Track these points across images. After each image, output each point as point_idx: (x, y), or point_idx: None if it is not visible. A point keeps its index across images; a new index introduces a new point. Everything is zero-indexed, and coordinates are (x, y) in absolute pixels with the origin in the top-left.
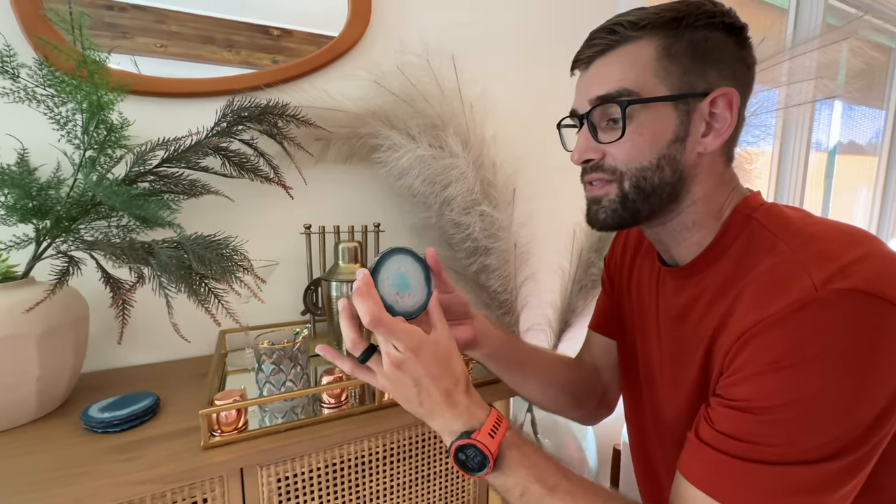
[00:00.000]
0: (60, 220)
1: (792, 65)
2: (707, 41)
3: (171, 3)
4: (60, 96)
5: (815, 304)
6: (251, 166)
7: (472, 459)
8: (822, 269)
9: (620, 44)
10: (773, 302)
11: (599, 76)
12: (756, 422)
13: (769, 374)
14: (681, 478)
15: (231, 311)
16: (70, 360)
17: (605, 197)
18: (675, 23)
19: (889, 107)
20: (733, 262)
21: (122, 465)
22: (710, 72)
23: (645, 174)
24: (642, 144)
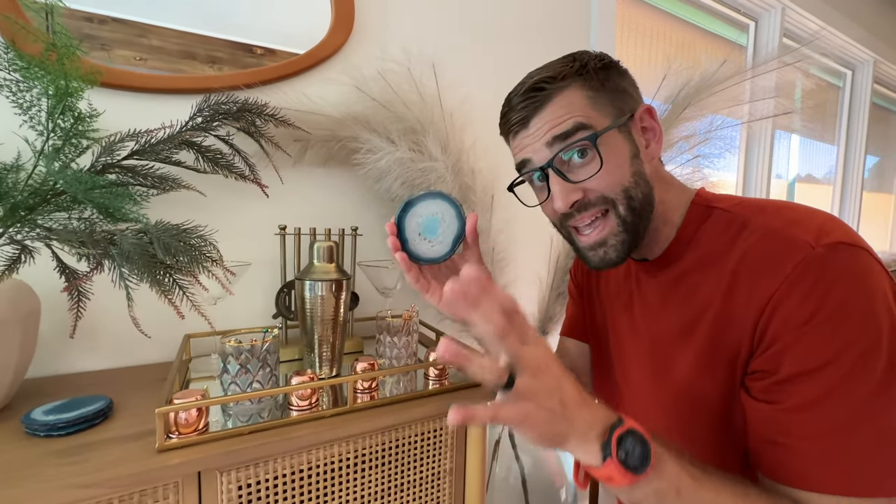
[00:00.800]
0: (16, 208)
1: (752, 85)
2: (609, 76)
3: (153, 18)
4: (25, 81)
5: (817, 261)
6: (226, 163)
7: (632, 454)
8: (806, 231)
9: (552, 96)
10: (780, 267)
11: (546, 124)
12: (818, 381)
13: (807, 334)
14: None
15: (196, 303)
16: (15, 359)
17: (609, 236)
18: (583, 69)
19: (839, 142)
20: (707, 244)
21: (65, 469)
22: (625, 98)
23: (630, 193)
24: (617, 168)
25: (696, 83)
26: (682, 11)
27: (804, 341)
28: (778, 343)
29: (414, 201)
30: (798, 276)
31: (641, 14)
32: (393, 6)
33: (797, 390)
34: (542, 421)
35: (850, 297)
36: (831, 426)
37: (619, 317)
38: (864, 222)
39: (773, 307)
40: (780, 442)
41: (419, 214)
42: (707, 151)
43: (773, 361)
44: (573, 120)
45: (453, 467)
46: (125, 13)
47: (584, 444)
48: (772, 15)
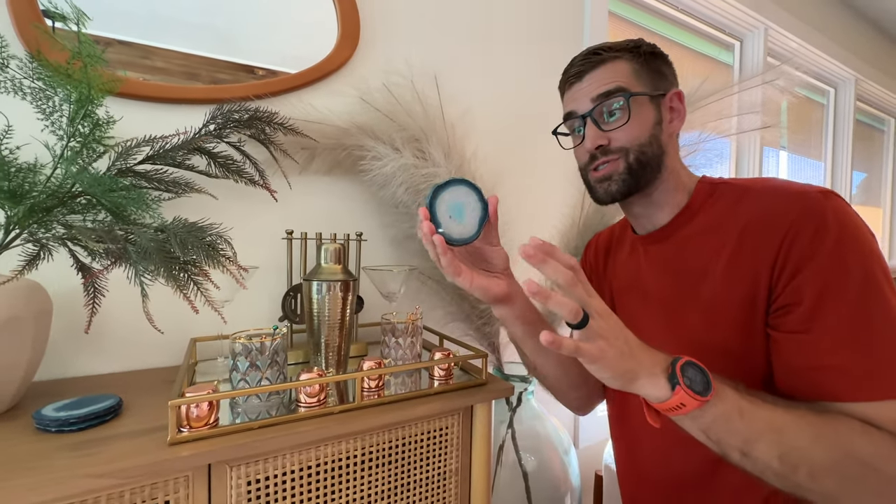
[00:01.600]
0: (34, 208)
1: (739, 100)
2: (654, 60)
3: (157, 40)
4: (49, 89)
5: (817, 203)
6: (236, 168)
7: (696, 381)
8: (803, 187)
9: (605, 62)
10: (785, 214)
11: (596, 82)
12: (840, 297)
13: (821, 261)
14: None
15: (209, 298)
16: (27, 357)
17: (614, 172)
18: (635, 49)
19: (826, 158)
20: (714, 212)
21: (78, 461)
22: (662, 80)
23: (644, 148)
24: (639, 127)
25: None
26: (671, 32)
27: (820, 271)
28: (798, 276)
29: (441, 188)
30: (804, 217)
31: (632, 35)
32: (397, 22)
33: (823, 315)
34: (615, 357)
35: (849, 232)
36: (861, 341)
37: (629, 292)
38: None
39: (788, 246)
40: (818, 365)
41: (446, 200)
42: (696, 163)
43: (796, 293)
44: (616, 83)
45: (459, 467)
46: (130, 36)
47: (652, 379)
48: (755, 35)
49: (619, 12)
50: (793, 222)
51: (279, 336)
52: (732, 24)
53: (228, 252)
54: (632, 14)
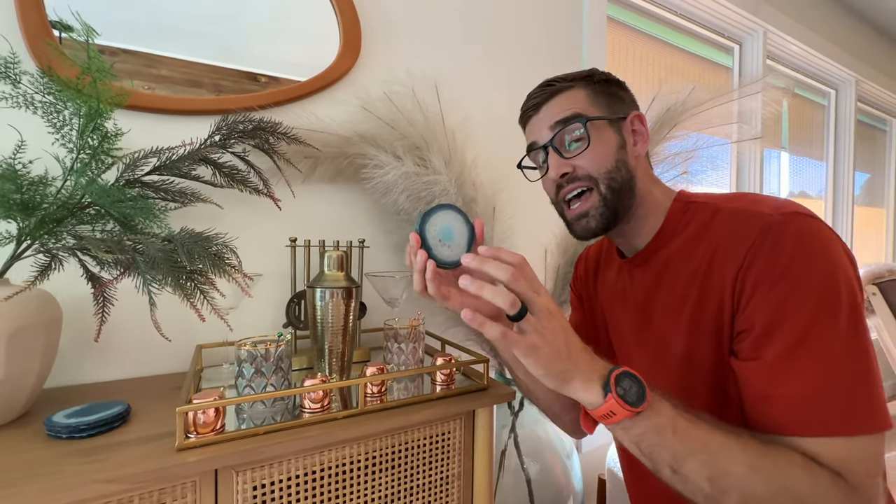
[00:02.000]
0: (45, 220)
1: (739, 104)
2: (608, 86)
3: (162, 49)
4: (60, 103)
5: (775, 226)
6: (241, 178)
7: (630, 391)
8: (765, 205)
9: (559, 92)
10: (745, 238)
11: (552, 113)
12: (790, 325)
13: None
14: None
15: (216, 307)
16: (37, 365)
17: (591, 208)
18: (589, 77)
19: (828, 159)
20: (690, 232)
21: (88, 466)
22: (620, 104)
23: (612, 175)
24: (602, 152)
25: (682, 104)
26: (670, 36)
27: (773, 294)
28: (751, 302)
29: (430, 213)
30: (761, 240)
31: (630, 39)
32: (397, 31)
33: (772, 342)
34: (549, 354)
35: (808, 254)
36: (808, 372)
37: (618, 312)
38: (858, 236)
39: (745, 271)
40: (767, 395)
41: (436, 224)
42: (694, 168)
43: (749, 320)
44: (572, 110)
45: (461, 472)
46: (135, 45)
47: (586, 384)
48: (754, 38)
49: (618, 17)
50: (751, 246)
51: (284, 343)
52: (731, 28)
53: (234, 261)
54: (630, 19)
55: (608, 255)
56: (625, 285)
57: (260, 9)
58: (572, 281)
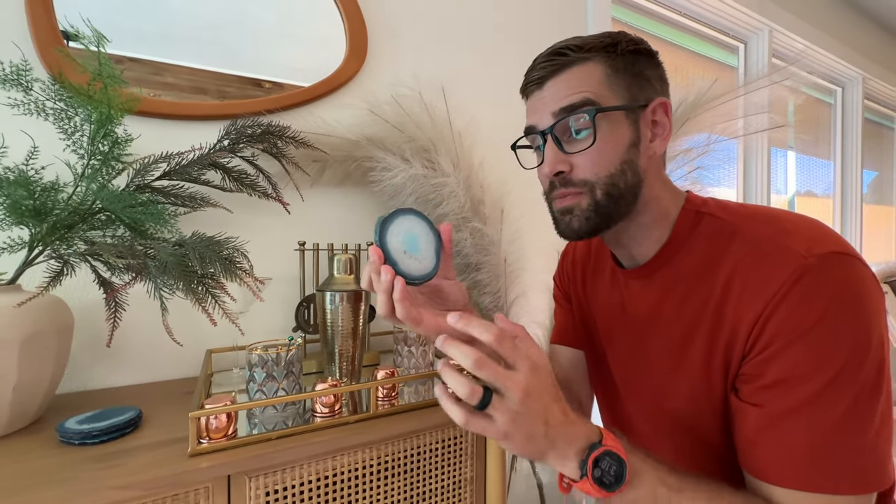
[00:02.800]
0: (57, 226)
1: (745, 102)
2: (637, 62)
3: (167, 56)
4: (71, 109)
5: (809, 271)
6: (250, 182)
7: (607, 473)
8: (798, 241)
9: (572, 64)
10: (772, 279)
11: (558, 92)
12: (800, 387)
13: (796, 343)
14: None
15: (227, 311)
16: (50, 370)
17: (576, 206)
18: (612, 47)
19: (835, 157)
20: (700, 251)
21: (101, 473)
22: (645, 86)
23: (614, 181)
24: (609, 152)
25: (693, 100)
26: (674, 37)
27: (792, 350)
28: (768, 350)
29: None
30: (791, 286)
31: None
32: (404, 36)
33: (778, 395)
34: (522, 441)
35: (841, 309)
36: (803, 431)
37: (613, 325)
38: (867, 235)
39: (767, 316)
40: (756, 440)
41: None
42: (707, 163)
43: (760, 367)
44: (583, 94)
45: (474, 476)
46: (141, 53)
47: (562, 461)
48: (759, 37)
49: (623, 18)
50: (780, 288)
51: (295, 347)
52: (736, 27)
53: (245, 265)
54: (635, 20)
55: (599, 256)
56: (622, 299)
57: (265, 15)
58: (557, 275)
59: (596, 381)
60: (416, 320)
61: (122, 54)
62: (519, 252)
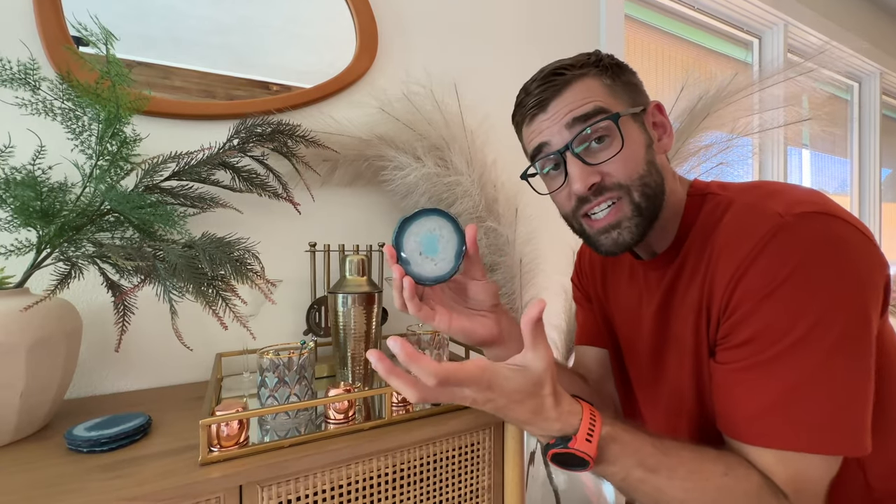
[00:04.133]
0: (65, 227)
1: (762, 98)
2: (622, 72)
3: (176, 60)
4: (79, 109)
5: (784, 229)
6: (260, 182)
7: (570, 463)
8: (779, 202)
9: (571, 82)
10: (747, 240)
11: (566, 107)
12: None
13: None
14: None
15: (237, 314)
16: (58, 376)
17: (622, 218)
18: (599, 62)
19: (852, 154)
20: (701, 229)
21: (110, 483)
22: (637, 93)
23: (645, 180)
24: (633, 154)
25: (713, 94)
26: (687, 33)
27: (763, 308)
28: (740, 310)
29: (409, 220)
30: (764, 244)
31: (648, 37)
32: (415, 32)
33: (748, 353)
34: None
35: (815, 265)
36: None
37: (632, 317)
38: (886, 233)
39: (740, 276)
40: (728, 399)
41: (416, 233)
42: (729, 158)
43: (732, 327)
44: (593, 104)
45: (492, 484)
46: (150, 57)
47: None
48: (774, 32)
49: (635, 15)
50: (753, 247)
51: (307, 350)
52: (751, 22)
53: (256, 267)
54: (648, 16)
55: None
56: (640, 290)
57: (272, 17)
58: (575, 275)
59: (618, 377)
60: (428, 317)
61: (131, 58)
62: (534, 253)
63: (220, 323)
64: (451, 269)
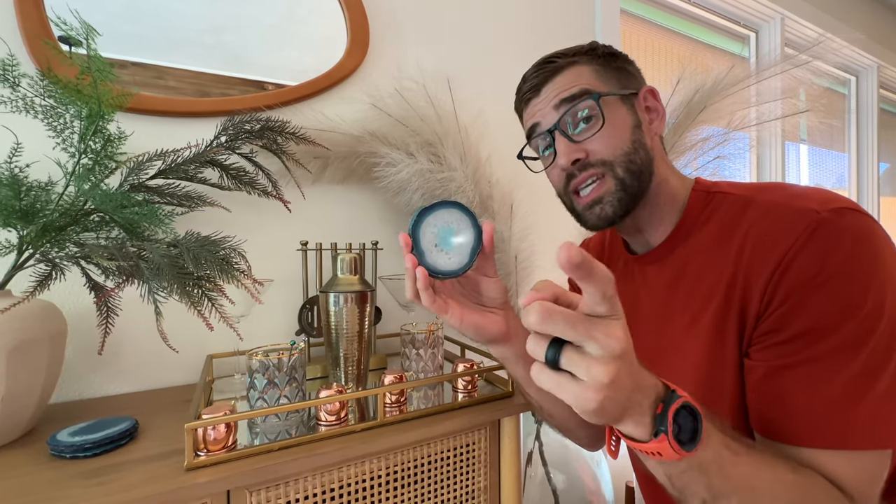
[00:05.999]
0: (47, 228)
1: (759, 91)
2: (615, 60)
3: (170, 60)
4: (60, 106)
5: (825, 224)
6: (249, 179)
7: (684, 429)
8: (811, 200)
9: (562, 68)
10: (787, 235)
11: (555, 91)
12: (827, 337)
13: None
14: (803, 449)
15: (224, 315)
16: (42, 380)
17: (605, 193)
18: (592, 52)
19: (850, 148)
20: (714, 227)
21: (93, 490)
22: (629, 78)
23: (630, 157)
24: (617, 133)
25: (710, 87)
26: (684, 27)
27: (814, 299)
28: (788, 302)
29: (428, 210)
30: (807, 238)
31: (644, 32)
32: (407, 27)
33: (804, 347)
34: (605, 406)
35: (857, 256)
36: (833, 382)
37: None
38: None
39: (784, 269)
40: (777, 398)
41: (433, 224)
42: (726, 152)
43: (782, 320)
44: (579, 87)
45: (488, 485)
46: (144, 57)
47: (637, 420)
48: (771, 25)
49: (631, 10)
50: (795, 241)
51: (297, 351)
52: (747, 15)
53: (243, 265)
54: (643, 11)
55: (612, 249)
56: (636, 287)
57: (266, 16)
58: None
59: None
60: (441, 309)
61: (126, 59)
62: (530, 249)
63: (206, 324)
64: (466, 265)
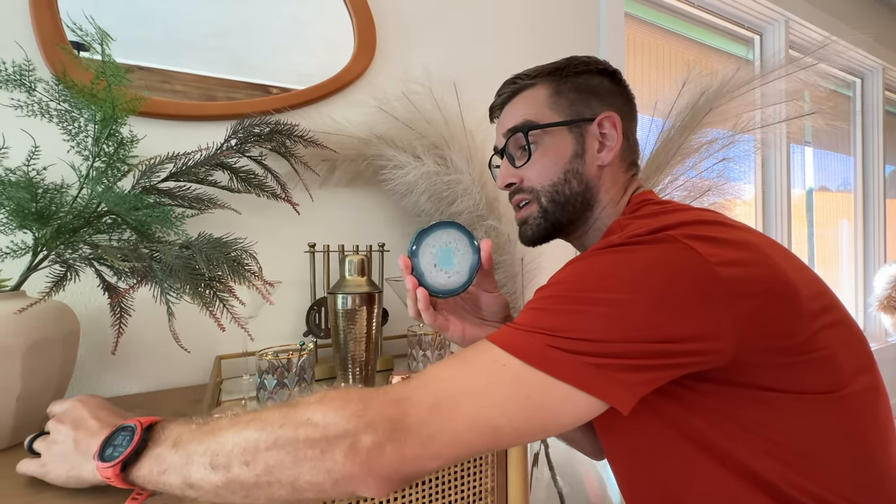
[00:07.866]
0: (61, 229)
1: (763, 93)
2: (587, 81)
3: (176, 65)
4: (75, 110)
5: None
6: (258, 182)
7: (119, 446)
8: (655, 223)
9: (521, 90)
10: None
11: (508, 116)
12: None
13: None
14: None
15: (235, 315)
16: (55, 379)
17: (529, 216)
18: (558, 71)
19: (855, 151)
20: None
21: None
22: (593, 103)
23: (556, 188)
24: (548, 163)
25: (715, 90)
26: (688, 30)
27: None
28: None
29: (426, 232)
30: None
31: (649, 35)
32: (414, 31)
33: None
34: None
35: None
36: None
37: None
38: (890, 231)
39: None
40: None
41: (432, 245)
42: (732, 154)
43: None
44: (523, 118)
45: (495, 486)
46: (150, 61)
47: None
48: (775, 28)
49: (635, 13)
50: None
51: (306, 352)
52: (751, 18)
53: (254, 267)
54: (648, 14)
55: None
56: None
57: (272, 20)
58: None
59: None
60: (442, 326)
61: (132, 63)
62: (536, 251)
63: (218, 324)
64: (464, 283)
